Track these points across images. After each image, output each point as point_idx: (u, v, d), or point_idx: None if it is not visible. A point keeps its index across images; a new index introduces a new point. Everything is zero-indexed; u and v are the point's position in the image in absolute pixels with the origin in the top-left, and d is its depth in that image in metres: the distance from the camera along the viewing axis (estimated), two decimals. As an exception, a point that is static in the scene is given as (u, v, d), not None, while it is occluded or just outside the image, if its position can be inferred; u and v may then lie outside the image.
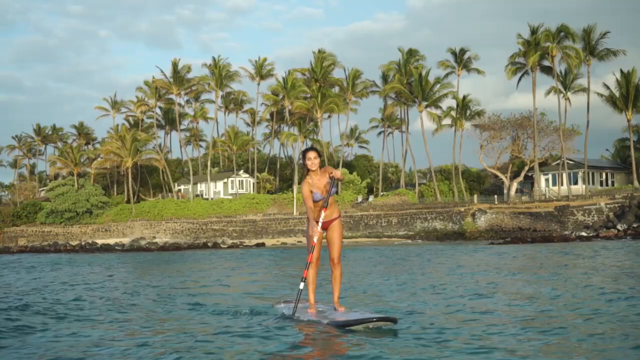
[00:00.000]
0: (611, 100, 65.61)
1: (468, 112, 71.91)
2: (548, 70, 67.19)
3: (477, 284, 14.16)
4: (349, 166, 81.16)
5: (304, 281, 9.00)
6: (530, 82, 66.69)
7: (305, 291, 9.16)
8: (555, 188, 68.90)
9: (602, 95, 66.15)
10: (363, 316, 8.27)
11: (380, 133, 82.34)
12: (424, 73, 71.87)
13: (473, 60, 72.94)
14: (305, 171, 9.05)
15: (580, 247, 33.23)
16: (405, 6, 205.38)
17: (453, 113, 71.80)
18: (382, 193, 75.50)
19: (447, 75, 73.03)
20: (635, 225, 50.13)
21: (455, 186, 72.46)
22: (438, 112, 72.11)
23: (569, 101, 68.02)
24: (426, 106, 71.84)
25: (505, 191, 71.23)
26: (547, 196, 66.86)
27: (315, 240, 8.88)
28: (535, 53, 64.47)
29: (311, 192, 8.94)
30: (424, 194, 73.99)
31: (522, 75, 67.89)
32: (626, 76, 64.76)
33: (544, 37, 64.91)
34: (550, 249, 32.32)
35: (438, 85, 72.14)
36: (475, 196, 67.25)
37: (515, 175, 72.55)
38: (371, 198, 73.68)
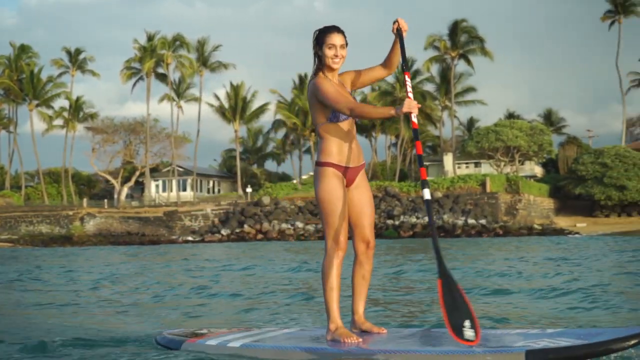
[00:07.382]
0: (221, 111, 68.72)
1: (81, 113, 70.41)
2: (163, 78, 68.44)
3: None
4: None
5: (428, 187, 4.64)
6: (145, 89, 67.48)
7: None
8: (165, 194, 70.23)
9: (212, 106, 69.08)
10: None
11: (-16, 132, 76.95)
12: (36, 70, 69.01)
13: (89, 62, 71.75)
14: (316, 67, 5.07)
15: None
16: (18, 3, 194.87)
17: (65, 114, 69.78)
18: (-17, 195, 70.77)
19: (61, 74, 71.02)
20: (237, 230, 52.95)
21: (65, 189, 70.43)
22: (50, 112, 69.69)
23: (182, 109, 69.95)
24: (37, 105, 68.97)
25: (115, 196, 70.80)
26: (157, 202, 67.79)
27: (414, 114, 4.62)
28: (151, 59, 65.31)
29: None
30: (30, 196, 70.80)
31: (137, 81, 68.42)
32: (235, 89, 68.41)
33: (160, 45, 66.04)
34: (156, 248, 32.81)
35: (51, 84, 69.72)
36: (85, 200, 65.88)
37: (126, 180, 72.40)
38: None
